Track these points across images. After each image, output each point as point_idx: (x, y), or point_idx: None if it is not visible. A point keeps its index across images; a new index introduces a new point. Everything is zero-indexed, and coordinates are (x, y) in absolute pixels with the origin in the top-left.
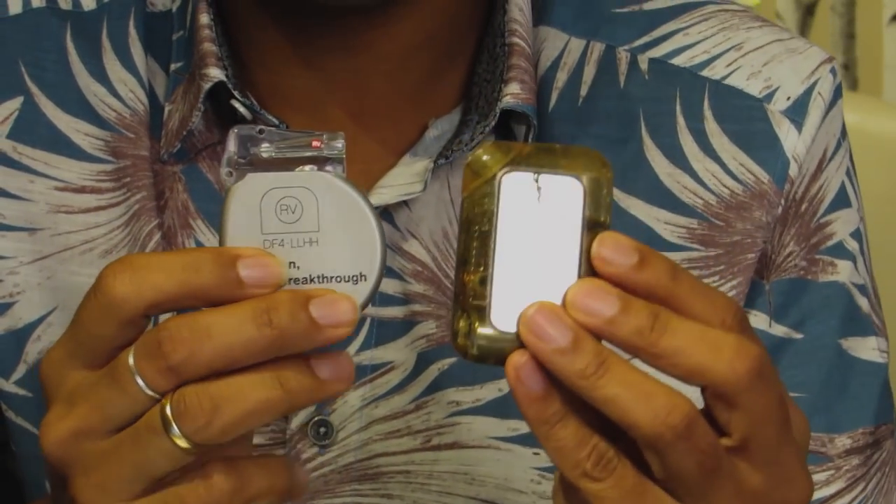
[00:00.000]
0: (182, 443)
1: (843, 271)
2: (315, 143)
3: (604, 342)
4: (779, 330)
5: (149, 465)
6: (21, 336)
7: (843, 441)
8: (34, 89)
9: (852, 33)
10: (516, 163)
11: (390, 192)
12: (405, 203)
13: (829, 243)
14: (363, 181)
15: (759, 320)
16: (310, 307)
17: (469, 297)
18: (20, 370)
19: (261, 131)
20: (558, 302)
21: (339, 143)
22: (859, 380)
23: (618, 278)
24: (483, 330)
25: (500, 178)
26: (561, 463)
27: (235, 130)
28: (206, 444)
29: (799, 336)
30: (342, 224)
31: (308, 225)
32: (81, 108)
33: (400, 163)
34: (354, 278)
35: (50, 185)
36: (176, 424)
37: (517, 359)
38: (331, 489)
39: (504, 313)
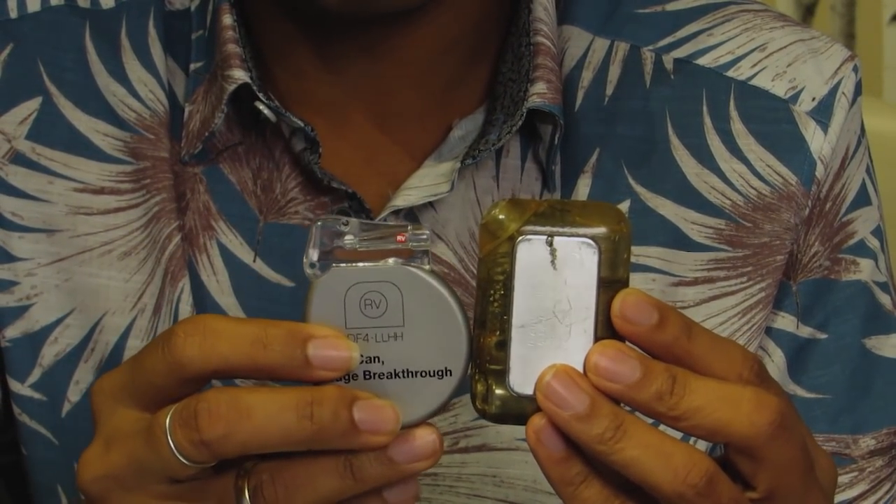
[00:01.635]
0: None
1: (864, 270)
2: (400, 238)
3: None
4: (805, 331)
5: None
6: (37, 339)
7: (867, 442)
8: (53, 89)
9: (852, 33)
10: (532, 223)
11: (417, 194)
12: (431, 205)
13: (851, 242)
14: (388, 184)
15: (786, 322)
16: (353, 409)
17: (486, 361)
18: (35, 374)
19: (345, 223)
20: (576, 364)
21: (424, 236)
22: (883, 379)
23: (637, 338)
24: (501, 393)
25: (517, 242)
26: None
27: (319, 223)
28: None
29: (823, 336)
30: (427, 318)
31: (393, 319)
32: (101, 109)
33: (425, 164)
34: (440, 373)
35: (69, 186)
36: (250, 501)
37: (536, 422)
38: None
39: (522, 377)
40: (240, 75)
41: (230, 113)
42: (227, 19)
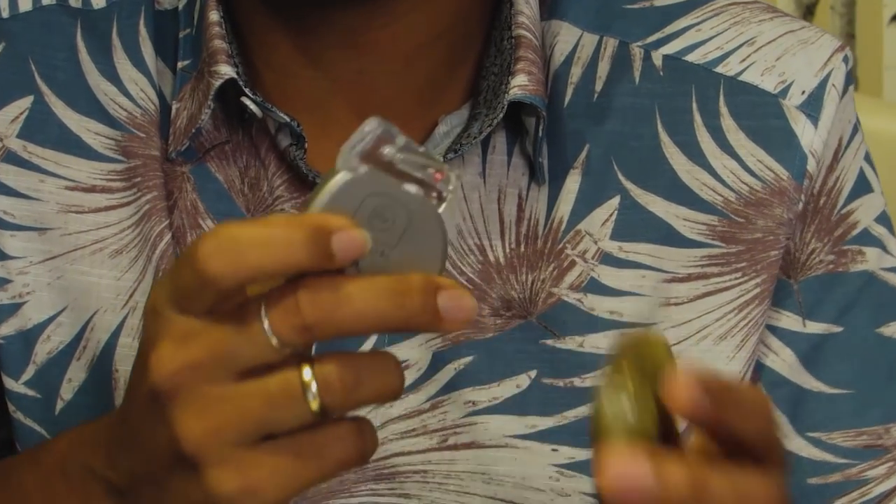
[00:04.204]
0: (315, 406)
1: (871, 259)
2: (438, 175)
3: None
4: (816, 328)
5: (275, 424)
6: (30, 337)
7: None
8: (44, 88)
9: (852, 33)
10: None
11: None
12: None
13: (855, 232)
14: None
15: (791, 321)
16: (438, 297)
17: None
18: (29, 371)
19: (397, 133)
20: None
21: (453, 182)
22: None
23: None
24: None
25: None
26: None
27: (369, 122)
28: (340, 412)
29: (839, 329)
30: (416, 251)
31: (390, 238)
32: (92, 108)
33: None
34: None
35: (60, 184)
36: (318, 394)
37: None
38: (347, 489)
39: None
40: (226, 70)
41: (217, 111)
42: (214, 16)
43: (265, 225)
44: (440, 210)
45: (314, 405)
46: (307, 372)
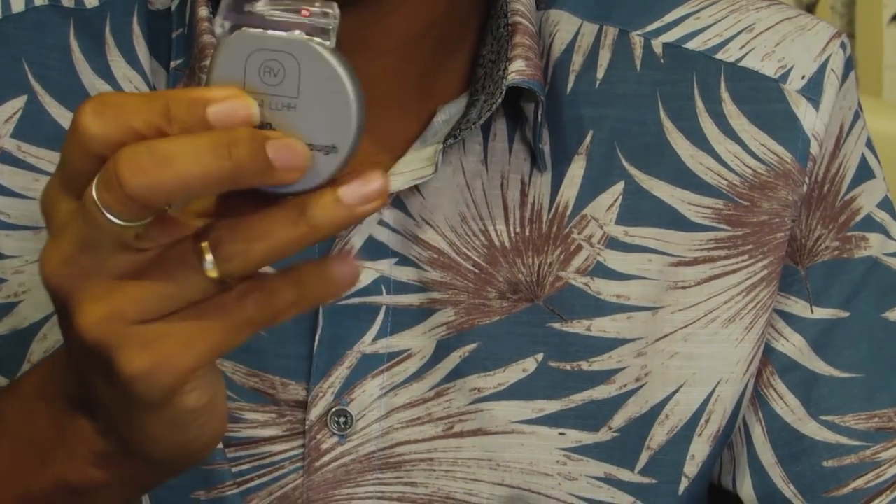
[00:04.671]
0: (214, 274)
1: (874, 244)
2: (304, 13)
3: None
4: (824, 313)
5: (177, 297)
6: (25, 336)
7: None
8: (38, 88)
9: (852, 33)
10: None
11: (402, 179)
12: (418, 191)
13: (858, 218)
14: None
15: (799, 307)
16: (266, 146)
17: None
18: (24, 369)
19: None
20: None
21: (328, 14)
22: None
23: None
24: None
25: None
26: None
27: None
28: (237, 275)
29: (846, 315)
30: (321, 94)
31: (288, 90)
32: None
33: (410, 150)
34: (326, 149)
35: None
36: (212, 260)
37: None
38: (353, 478)
39: None
40: None
41: None
42: (203, 11)
43: (151, 95)
44: (325, 43)
45: (212, 272)
46: (200, 239)
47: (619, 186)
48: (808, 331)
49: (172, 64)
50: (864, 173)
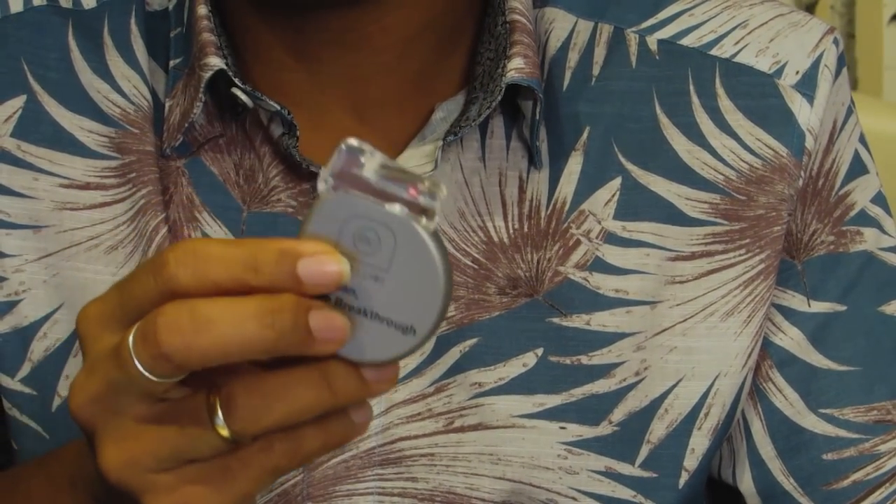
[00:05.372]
0: (225, 433)
1: (869, 239)
2: (412, 191)
3: None
4: (821, 307)
5: (191, 451)
6: (26, 334)
7: None
8: (37, 87)
9: (852, 33)
10: None
11: None
12: None
13: (852, 213)
14: None
15: (797, 301)
16: (309, 317)
17: None
18: (25, 368)
19: (370, 153)
20: None
21: (434, 196)
22: None
23: None
24: None
25: None
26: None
27: (344, 146)
28: (250, 436)
29: (843, 308)
30: (412, 275)
31: (380, 261)
32: (85, 106)
33: (409, 147)
34: (404, 329)
35: (55, 182)
36: (223, 419)
37: None
38: (353, 474)
39: None
40: (215, 62)
41: (209, 104)
42: (202, 10)
43: (238, 242)
44: (428, 225)
45: (223, 431)
46: (211, 398)
47: (617, 182)
48: (806, 324)
49: (171, 63)
50: (858, 168)
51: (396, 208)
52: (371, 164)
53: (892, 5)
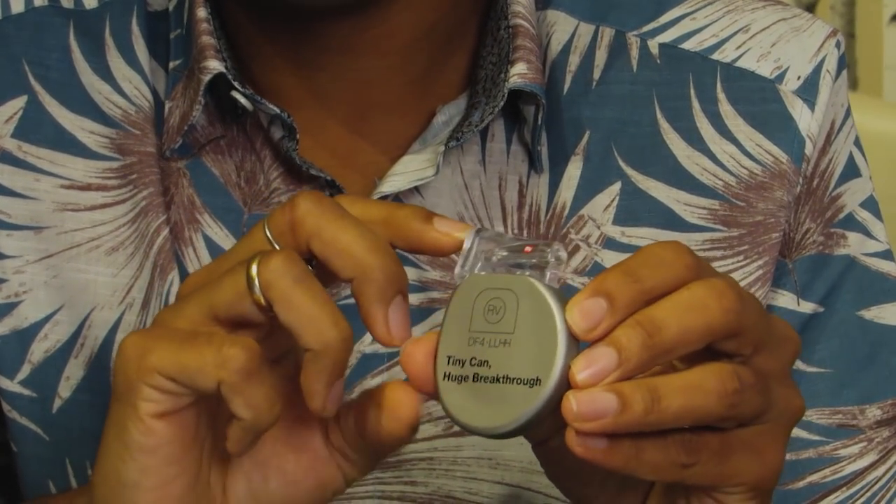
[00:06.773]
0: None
1: (853, 243)
2: (526, 249)
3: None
4: (807, 307)
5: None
6: (26, 336)
7: (873, 412)
8: (38, 88)
9: (852, 33)
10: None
11: (402, 179)
12: (418, 191)
13: (841, 216)
14: (374, 172)
15: (787, 300)
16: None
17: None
18: (24, 370)
19: (500, 235)
20: None
21: (548, 252)
22: (888, 348)
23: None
24: None
25: None
26: (661, 475)
27: (475, 231)
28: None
29: (822, 310)
30: (533, 328)
31: (506, 326)
32: (86, 107)
33: (410, 150)
34: (531, 381)
35: (56, 183)
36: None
37: (574, 438)
38: None
39: None
40: (215, 65)
41: (210, 106)
42: (202, 13)
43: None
44: (543, 279)
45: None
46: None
47: (616, 187)
48: (793, 323)
49: (171, 64)
50: (851, 171)
51: (519, 270)
52: (500, 243)
53: (892, 5)
